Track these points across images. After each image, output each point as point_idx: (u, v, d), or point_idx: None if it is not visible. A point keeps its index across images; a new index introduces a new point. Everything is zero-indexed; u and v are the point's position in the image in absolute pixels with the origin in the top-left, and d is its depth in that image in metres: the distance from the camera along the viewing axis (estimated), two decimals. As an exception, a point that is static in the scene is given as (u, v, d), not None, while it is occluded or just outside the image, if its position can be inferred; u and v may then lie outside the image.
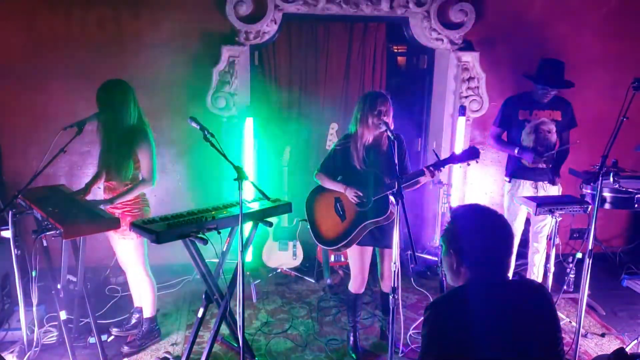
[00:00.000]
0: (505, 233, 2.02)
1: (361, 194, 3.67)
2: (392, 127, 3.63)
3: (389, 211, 3.66)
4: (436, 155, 3.62)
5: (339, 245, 3.79)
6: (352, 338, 4.09)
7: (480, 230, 2.01)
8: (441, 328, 1.92)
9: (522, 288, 2.07)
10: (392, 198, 3.67)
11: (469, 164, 3.62)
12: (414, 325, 4.49)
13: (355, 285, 3.97)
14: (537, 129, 4.51)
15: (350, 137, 3.78)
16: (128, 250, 3.93)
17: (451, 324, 1.90)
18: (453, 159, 3.62)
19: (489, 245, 1.99)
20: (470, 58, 5.46)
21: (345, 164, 3.78)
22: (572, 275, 4.53)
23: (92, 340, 3.97)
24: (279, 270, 5.45)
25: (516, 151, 4.59)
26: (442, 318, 1.94)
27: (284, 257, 5.36)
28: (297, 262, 5.39)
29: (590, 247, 3.85)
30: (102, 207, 3.70)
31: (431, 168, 3.58)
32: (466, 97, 5.52)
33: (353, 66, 5.79)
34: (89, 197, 3.88)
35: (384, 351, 4.12)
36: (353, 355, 4.03)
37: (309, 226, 3.96)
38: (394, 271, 3.33)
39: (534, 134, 4.54)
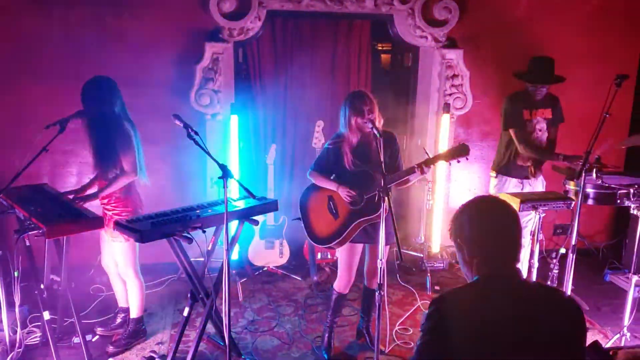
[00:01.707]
0: (510, 220, 1.98)
1: (354, 193, 3.67)
2: (379, 124, 3.64)
3: (382, 208, 3.65)
4: (426, 153, 3.64)
5: (333, 243, 3.78)
6: (326, 338, 4.07)
7: (485, 217, 1.99)
8: (443, 325, 1.86)
9: (543, 295, 1.97)
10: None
11: (458, 161, 3.61)
12: (399, 322, 4.51)
13: (341, 284, 3.96)
14: (534, 129, 4.59)
15: (341, 135, 3.79)
16: (120, 252, 3.91)
17: (454, 322, 1.85)
18: (444, 156, 3.62)
19: (493, 232, 1.96)
20: (454, 56, 5.48)
21: (337, 162, 3.79)
22: (556, 271, 4.56)
23: (76, 340, 3.94)
24: (266, 269, 5.44)
25: (561, 158, 4.45)
26: (446, 314, 1.88)
27: (271, 256, 5.35)
28: (284, 260, 5.38)
29: (573, 243, 3.89)
30: (87, 202, 3.68)
31: (422, 166, 3.58)
32: (450, 94, 5.55)
33: (338, 63, 5.79)
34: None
35: (357, 351, 4.13)
36: (325, 355, 4.02)
37: (302, 224, 3.95)
38: (380, 267, 3.35)
39: (531, 134, 4.60)
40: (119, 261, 3.98)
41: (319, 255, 5.31)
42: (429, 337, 1.88)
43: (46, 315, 3.71)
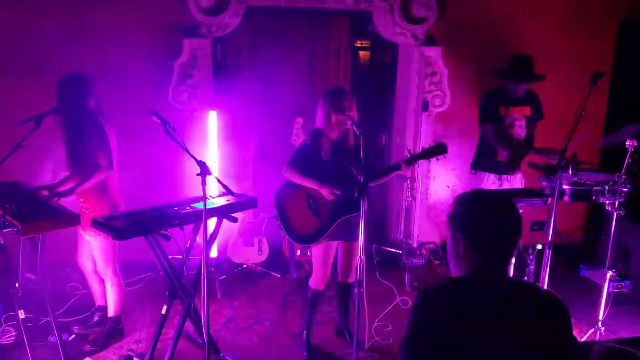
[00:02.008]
0: (514, 222, 1.92)
1: (338, 192, 3.67)
2: (356, 121, 3.64)
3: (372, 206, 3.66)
4: (408, 151, 3.71)
5: (316, 242, 3.78)
6: (305, 335, 4.08)
7: (491, 216, 1.91)
8: (428, 318, 1.83)
9: (528, 293, 1.94)
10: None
11: (437, 159, 3.71)
12: (378, 318, 4.53)
13: (317, 281, 3.96)
14: (512, 126, 4.64)
15: (318, 132, 3.78)
16: (99, 250, 3.87)
17: (438, 316, 1.82)
18: (424, 154, 3.73)
19: (497, 233, 1.90)
20: (433, 53, 5.50)
21: (316, 159, 3.76)
22: (532, 267, 4.61)
23: (52, 339, 3.89)
24: (245, 266, 5.42)
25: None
26: (431, 307, 1.85)
27: (250, 253, 5.33)
28: (263, 257, 5.37)
29: (549, 239, 3.94)
30: (63, 198, 3.64)
31: (404, 164, 3.66)
32: (429, 92, 5.57)
33: (317, 60, 5.78)
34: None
35: (336, 348, 4.15)
36: (304, 352, 4.02)
37: (280, 223, 3.90)
38: (359, 264, 3.36)
39: (508, 129, 4.65)
40: (97, 259, 3.94)
41: (298, 252, 5.30)
42: (412, 328, 1.85)
43: (21, 314, 3.65)
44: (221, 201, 3.70)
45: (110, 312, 4.08)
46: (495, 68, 4.77)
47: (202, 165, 3.09)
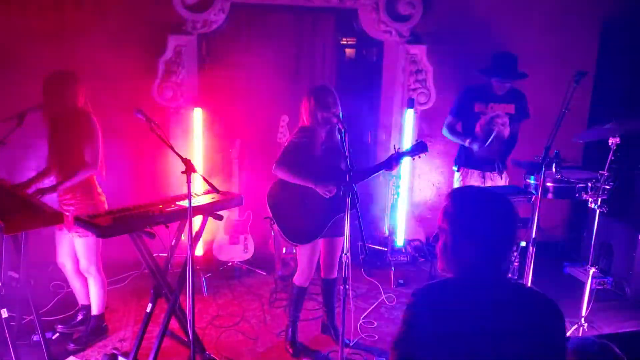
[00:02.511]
0: (511, 219, 1.89)
1: (334, 190, 3.67)
2: (341, 118, 3.65)
3: (358, 202, 3.65)
4: (395, 149, 3.75)
5: (315, 240, 3.79)
6: (290, 332, 4.08)
7: (484, 208, 1.88)
8: (421, 318, 1.80)
9: (526, 297, 1.90)
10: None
11: (419, 157, 3.78)
12: (364, 315, 4.54)
13: (302, 278, 3.97)
14: (491, 122, 4.64)
15: (307, 129, 3.77)
16: (82, 247, 3.84)
17: (433, 315, 1.79)
18: (408, 152, 3.83)
19: (491, 227, 1.86)
20: (418, 51, 5.52)
21: (306, 157, 3.74)
22: (516, 264, 4.65)
23: (36, 338, 3.86)
24: (230, 264, 5.40)
25: (467, 142, 4.71)
26: (425, 306, 1.82)
27: (235, 251, 5.32)
28: (249, 255, 5.36)
29: (533, 236, 3.97)
30: (45, 195, 3.61)
31: (392, 161, 3.75)
32: (414, 89, 5.59)
33: (303, 58, 5.78)
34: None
35: (322, 345, 4.15)
36: (290, 349, 4.02)
37: (274, 222, 3.86)
38: (345, 262, 3.37)
39: (487, 126, 4.65)
40: (80, 257, 3.91)
41: (284, 250, 5.30)
42: (404, 328, 1.83)
43: (4, 312, 3.61)
44: (206, 199, 3.69)
45: (94, 310, 4.05)
46: (479, 66, 4.80)
47: (187, 162, 3.08)
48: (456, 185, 4.95)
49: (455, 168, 4.93)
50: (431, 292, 1.87)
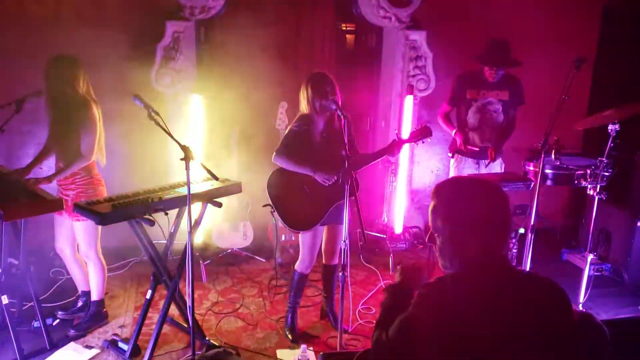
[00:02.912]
0: (505, 205, 1.86)
1: (333, 177, 3.66)
2: (340, 105, 3.64)
3: (358, 189, 3.66)
4: (397, 136, 3.73)
5: (312, 228, 3.80)
6: (289, 318, 4.10)
7: (481, 201, 1.84)
8: (429, 311, 1.77)
9: (534, 285, 1.86)
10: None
11: (423, 142, 3.77)
12: (362, 301, 4.56)
13: (304, 265, 3.98)
14: (483, 109, 4.62)
15: (306, 117, 3.76)
16: (81, 232, 3.84)
17: (437, 313, 1.75)
18: (410, 138, 3.80)
19: (489, 218, 1.82)
20: (418, 37, 5.49)
21: (305, 144, 3.75)
22: (515, 250, 4.67)
23: (36, 324, 3.88)
24: (230, 251, 5.42)
25: (453, 133, 4.79)
26: (427, 305, 1.79)
27: (235, 238, 5.33)
28: (248, 242, 5.37)
29: (532, 223, 3.98)
30: (40, 185, 3.61)
31: (394, 148, 3.72)
32: (414, 76, 5.56)
33: (302, 44, 5.75)
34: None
35: (321, 331, 4.17)
36: (289, 336, 4.04)
37: (274, 210, 3.87)
38: (344, 249, 3.38)
39: (479, 113, 4.65)
40: (80, 242, 3.91)
41: (283, 237, 5.31)
42: (416, 312, 1.80)
43: (4, 299, 3.63)
44: (205, 186, 3.69)
45: (94, 296, 4.07)
46: (479, 52, 4.77)
47: (185, 149, 3.07)
48: (452, 171, 4.96)
49: (450, 154, 4.93)
50: (439, 286, 1.82)
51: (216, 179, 3.39)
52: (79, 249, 3.98)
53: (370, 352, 2.05)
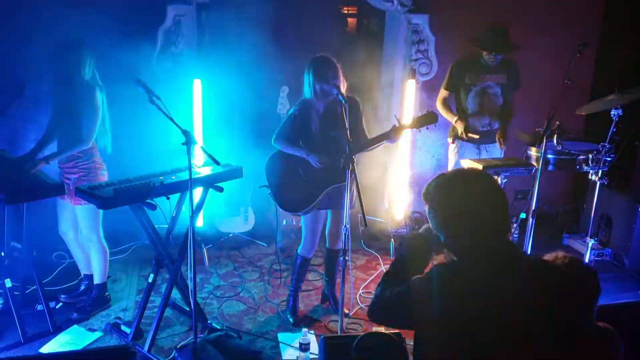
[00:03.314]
0: (500, 192, 1.89)
1: (325, 160, 3.67)
2: (343, 90, 3.63)
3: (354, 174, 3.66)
4: (397, 120, 3.69)
5: (304, 210, 3.80)
6: (291, 302, 4.13)
7: (475, 190, 1.87)
8: (434, 296, 1.79)
9: (542, 270, 1.89)
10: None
11: (427, 128, 3.73)
12: (363, 286, 4.58)
13: (306, 249, 4.00)
14: (483, 93, 4.61)
15: (307, 102, 3.76)
16: (83, 216, 3.86)
17: (445, 296, 1.78)
18: (414, 124, 3.74)
19: (486, 205, 1.85)
20: (420, 21, 5.45)
21: (304, 129, 3.76)
22: (516, 235, 4.68)
23: (39, 307, 3.90)
24: (231, 235, 5.43)
25: (454, 121, 4.75)
26: (438, 286, 1.81)
27: (236, 222, 5.34)
28: (249, 226, 5.38)
29: (533, 208, 3.98)
30: (38, 166, 3.62)
31: (392, 134, 3.66)
32: (416, 60, 5.53)
33: (303, 28, 5.71)
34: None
35: (322, 315, 4.19)
36: (291, 319, 4.07)
37: (270, 192, 3.92)
38: (345, 233, 3.39)
39: (478, 97, 4.63)
40: (82, 226, 3.93)
41: (284, 222, 5.32)
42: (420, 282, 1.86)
43: (8, 282, 3.65)
44: (207, 171, 3.70)
45: (96, 279, 4.09)
46: (478, 37, 4.74)
47: (187, 134, 3.07)
48: (451, 156, 4.94)
49: (450, 140, 4.91)
50: (443, 271, 1.86)
51: (217, 163, 3.38)
52: (81, 233, 3.99)
53: (371, 305, 2.11)
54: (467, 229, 1.84)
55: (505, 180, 4.23)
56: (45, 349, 3.62)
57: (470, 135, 4.66)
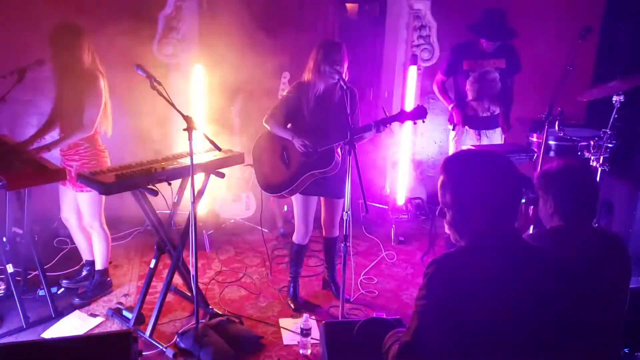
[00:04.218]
0: (516, 177, 1.85)
1: (308, 144, 3.67)
2: (345, 77, 3.62)
3: (334, 162, 3.66)
4: (384, 111, 3.65)
5: (283, 192, 3.83)
6: (292, 289, 4.15)
7: (490, 174, 1.83)
8: (443, 288, 1.75)
9: (546, 256, 1.87)
10: (339, 150, 3.71)
11: (415, 123, 3.69)
12: (364, 272, 4.60)
13: (299, 235, 4.02)
14: (481, 79, 4.59)
15: (302, 85, 3.75)
16: (85, 202, 3.86)
17: (455, 286, 1.74)
18: (401, 116, 3.67)
19: (493, 187, 1.81)
20: (422, 6, 5.43)
21: (296, 112, 3.77)
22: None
23: (41, 292, 3.92)
24: (232, 221, 5.44)
25: (450, 107, 4.75)
26: (445, 275, 1.77)
27: (237, 208, 5.35)
28: (250, 212, 5.39)
29: (532, 195, 3.97)
30: (40, 153, 3.62)
31: (379, 124, 3.61)
32: (417, 45, 5.51)
33: (305, 13, 5.68)
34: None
35: (323, 301, 4.21)
36: (292, 305, 4.09)
37: (253, 170, 3.98)
38: (346, 219, 3.39)
39: (477, 83, 4.61)
40: (84, 212, 3.93)
41: (285, 208, 5.33)
42: (429, 300, 1.77)
43: (10, 268, 3.67)
44: (208, 157, 3.69)
45: (98, 265, 4.10)
46: (475, 22, 4.71)
47: (188, 120, 3.07)
48: (451, 144, 4.93)
49: (450, 127, 4.90)
50: (450, 261, 1.82)
51: (219, 149, 3.38)
52: (83, 220, 4.00)
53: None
54: (482, 210, 1.81)
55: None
56: (47, 334, 3.64)
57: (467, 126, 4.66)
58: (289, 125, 3.82)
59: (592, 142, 4.27)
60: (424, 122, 3.64)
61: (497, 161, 1.87)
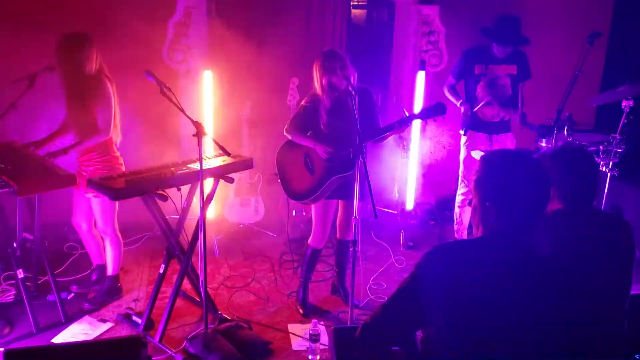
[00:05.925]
0: (543, 176, 1.86)
1: (331, 150, 3.69)
2: (353, 80, 3.63)
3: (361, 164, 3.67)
4: (404, 111, 3.69)
5: (309, 199, 3.84)
6: (301, 293, 4.15)
7: (520, 176, 1.84)
8: (431, 271, 1.80)
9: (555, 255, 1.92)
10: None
11: (434, 120, 3.72)
12: (373, 277, 4.59)
13: (316, 239, 4.02)
14: (493, 84, 4.58)
15: (315, 96, 3.79)
16: (99, 209, 3.88)
17: (443, 270, 1.79)
18: (422, 113, 3.71)
19: (528, 192, 1.82)
20: (431, 11, 5.43)
21: (314, 121, 3.80)
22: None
23: (51, 298, 3.94)
24: (241, 226, 5.45)
25: (459, 103, 4.76)
26: (436, 262, 1.82)
27: (246, 213, 5.36)
28: (259, 217, 5.40)
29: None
30: (57, 157, 3.64)
31: (402, 123, 3.64)
32: (426, 51, 5.52)
33: (313, 19, 5.70)
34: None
35: (332, 306, 4.21)
36: (301, 310, 4.09)
37: (279, 180, 4.00)
38: (355, 224, 3.40)
39: (488, 88, 4.60)
40: (98, 218, 3.95)
41: (293, 212, 5.33)
42: (413, 279, 1.85)
43: (20, 273, 3.69)
44: (217, 162, 3.71)
45: (110, 271, 4.12)
46: (488, 27, 4.71)
47: (198, 125, 3.09)
48: (462, 148, 4.92)
49: (462, 131, 4.89)
50: (444, 250, 1.87)
51: (228, 154, 3.40)
52: (96, 225, 4.02)
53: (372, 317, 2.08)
54: (518, 207, 1.82)
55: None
56: (57, 339, 3.65)
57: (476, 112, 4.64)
58: (309, 133, 3.85)
59: (601, 147, 4.25)
60: (444, 118, 3.67)
61: (532, 166, 1.88)
